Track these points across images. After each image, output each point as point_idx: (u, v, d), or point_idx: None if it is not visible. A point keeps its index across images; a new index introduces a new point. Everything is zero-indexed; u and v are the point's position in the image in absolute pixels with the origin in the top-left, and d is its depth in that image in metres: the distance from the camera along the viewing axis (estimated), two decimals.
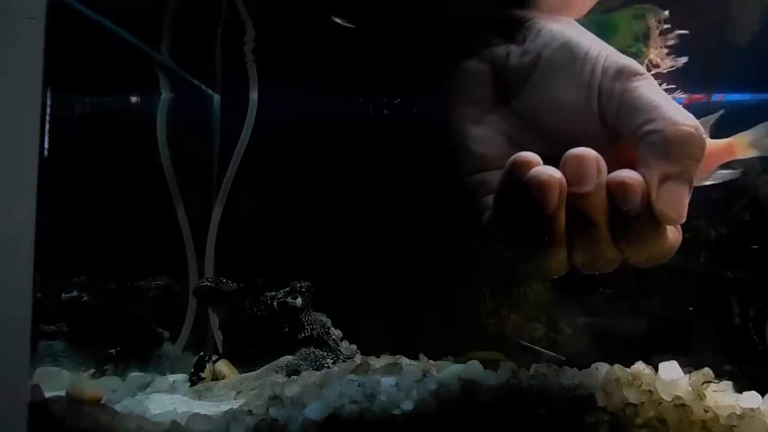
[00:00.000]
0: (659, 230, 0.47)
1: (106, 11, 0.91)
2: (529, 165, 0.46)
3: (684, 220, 0.47)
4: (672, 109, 0.47)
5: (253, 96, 1.17)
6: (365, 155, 1.18)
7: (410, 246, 1.14)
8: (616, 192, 0.46)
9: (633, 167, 0.47)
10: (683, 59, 0.85)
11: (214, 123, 1.25)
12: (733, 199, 1.04)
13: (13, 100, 0.50)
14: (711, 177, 0.55)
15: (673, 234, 0.48)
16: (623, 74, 0.50)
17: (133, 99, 1.26)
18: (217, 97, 1.26)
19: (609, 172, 0.47)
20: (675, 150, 0.46)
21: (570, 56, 0.52)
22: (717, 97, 1.10)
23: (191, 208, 1.17)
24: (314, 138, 1.19)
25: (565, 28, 0.55)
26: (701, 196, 0.51)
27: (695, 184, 0.48)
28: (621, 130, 0.50)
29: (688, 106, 0.49)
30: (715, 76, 1.03)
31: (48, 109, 0.54)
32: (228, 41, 1.00)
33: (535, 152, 0.47)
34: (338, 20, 0.64)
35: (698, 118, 0.49)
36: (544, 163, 0.47)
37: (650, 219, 0.47)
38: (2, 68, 0.50)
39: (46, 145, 0.53)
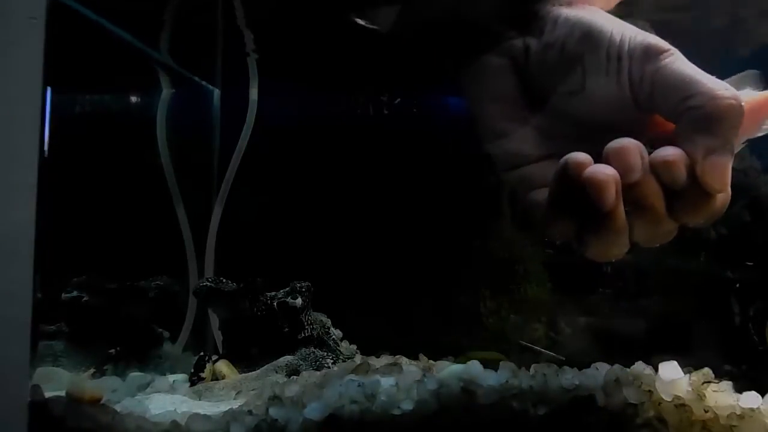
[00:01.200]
0: (708, 196, 0.48)
1: (105, 9, 0.90)
2: (582, 166, 0.47)
3: (729, 186, 0.48)
4: (707, 82, 0.47)
5: (253, 94, 1.17)
6: (366, 155, 1.18)
7: (410, 246, 1.14)
8: (661, 171, 0.47)
9: (668, 139, 0.48)
10: None
11: (214, 120, 1.25)
12: (733, 199, 1.04)
13: (13, 100, 0.50)
14: (761, 130, 0.55)
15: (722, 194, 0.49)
16: (650, 55, 0.50)
17: (133, 97, 1.26)
18: (217, 94, 1.25)
19: (647, 148, 0.48)
20: (717, 124, 0.47)
21: (594, 45, 0.52)
22: None
23: (191, 207, 1.17)
24: (315, 137, 1.19)
25: (582, 14, 0.54)
26: None
27: (750, 137, 0.49)
28: (657, 110, 0.50)
29: None
30: None
31: (49, 109, 0.54)
32: (228, 38, 0.99)
33: (568, 140, 0.49)
34: (360, 21, 0.63)
35: None
36: (579, 148, 0.47)
37: (698, 188, 0.48)
38: (2, 68, 0.50)
39: (46, 145, 0.53)
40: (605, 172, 0.46)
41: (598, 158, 0.48)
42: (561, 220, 0.50)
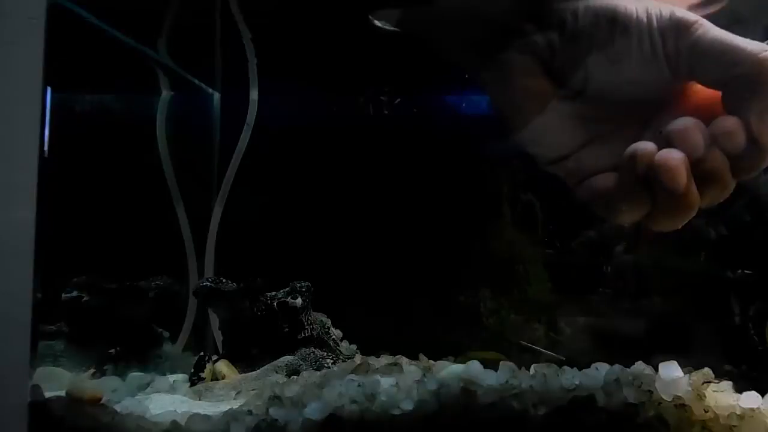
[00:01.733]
0: (764, 152, 0.50)
1: (106, 11, 0.91)
2: (651, 154, 0.49)
3: None
4: (747, 47, 0.48)
5: (254, 95, 1.17)
6: (366, 155, 1.17)
7: (410, 246, 1.14)
8: (723, 141, 0.48)
9: (714, 106, 0.50)
10: None
11: (214, 122, 1.25)
12: (733, 199, 1.04)
13: (13, 99, 0.50)
14: None
15: None
16: (681, 29, 0.50)
17: (133, 98, 1.26)
18: (217, 96, 1.26)
19: (696, 117, 0.49)
20: (765, 84, 0.48)
21: (623, 29, 0.52)
22: None
23: (191, 207, 1.17)
24: (314, 137, 1.19)
25: (603, 0, 0.53)
26: None
27: None
28: (701, 81, 0.51)
29: None
30: None
31: (49, 109, 0.54)
32: (227, 40, 1.00)
33: (610, 122, 0.52)
34: (377, 23, 0.63)
35: None
36: (624, 126, 0.51)
37: (754, 146, 0.49)
38: (2, 68, 0.50)
39: (46, 145, 0.53)
40: (675, 156, 0.48)
41: (645, 133, 0.51)
42: (634, 204, 0.51)
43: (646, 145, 0.49)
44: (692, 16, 0.51)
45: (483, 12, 0.57)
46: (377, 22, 0.62)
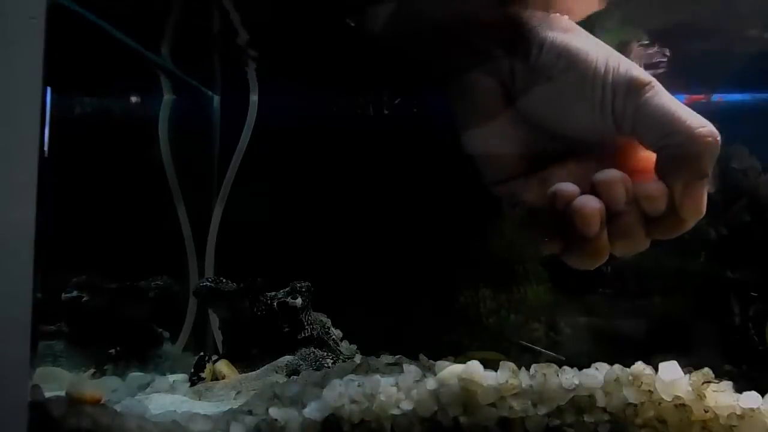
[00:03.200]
0: (683, 221, 0.52)
1: (109, 16, 0.91)
2: (571, 196, 0.51)
3: (704, 211, 0.52)
4: (686, 119, 0.50)
5: (254, 97, 1.17)
6: (365, 156, 1.18)
7: (410, 246, 1.14)
8: (644, 203, 0.51)
9: (650, 165, 0.53)
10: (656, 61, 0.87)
11: (214, 124, 1.25)
12: (733, 199, 1.04)
13: (13, 99, 0.50)
14: None
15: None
16: (633, 90, 0.52)
17: (136, 101, 1.26)
18: (217, 99, 1.26)
19: (628, 170, 0.52)
20: (695, 160, 0.50)
21: (579, 76, 0.53)
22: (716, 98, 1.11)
23: (192, 207, 1.17)
24: (314, 138, 1.19)
25: (568, 40, 0.55)
26: None
27: None
28: (639, 141, 0.53)
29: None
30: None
31: (53, 111, 0.54)
32: (227, 44, 1.00)
33: (551, 158, 0.54)
34: (351, 23, 0.64)
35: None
36: (562, 166, 0.53)
37: (674, 214, 0.52)
38: (2, 68, 0.50)
39: (47, 146, 0.53)
40: (591, 205, 0.50)
41: (580, 178, 0.53)
42: (548, 238, 0.54)
43: (567, 187, 0.52)
44: (648, 78, 0.52)
45: (457, 30, 0.59)
46: (350, 22, 0.64)
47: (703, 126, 0.50)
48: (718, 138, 0.50)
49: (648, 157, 0.54)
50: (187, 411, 0.67)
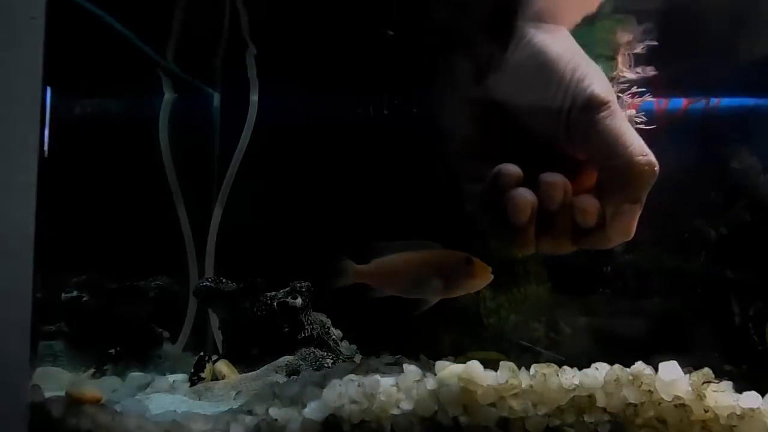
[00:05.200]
0: (609, 240, 0.55)
1: (111, 15, 0.91)
2: (510, 178, 0.54)
3: (632, 234, 0.54)
4: (630, 144, 0.52)
5: (254, 96, 1.17)
6: (365, 155, 1.17)
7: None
8: (576, 214, 0.54)
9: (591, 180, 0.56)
10: (650, 69, 0.88)
11: (214, 123, 1.25)
12: (733, 199, 1.04)
13: (13, 99, 0.50)
14: None
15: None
16: (589, 107, 0.54)
17: (136, 100, 1.26)
18: (217, 97, 1.26)
19: (575, 173, 0.55)
20: (630, 185, 0.53)
21: (545, 79, 0.55)
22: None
23: (192, 208, 1.17)
24: (314, 138, 1.19)
25: (548, 41, 0.57)
26: (701, 197, 0.53)
27: None
28: (586, 156, 0.56)
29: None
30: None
31: (54, 110, 0.54)
32: (228, 43, 1.00)
33: (510, 139, 0.56)
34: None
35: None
36: (514, 154, 0.55)
37: (602, 232, 0.55)
38: (2, 68, 0.50)
39: (47, 145, 0.53)
40: (525, 197, 0.53)
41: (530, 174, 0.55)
42: (485, 217, 0.58)
43: (509, 168, 0.55)
44: (606, 98, 0.54)
45: (450, 12, 0.62)
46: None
47: (643, 154, 0.52)
48: (656, 168, 0.52)
49: (592, 172, 0.56)
50: (187, 411, 0.67)
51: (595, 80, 0.54)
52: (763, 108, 1.11)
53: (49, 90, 0.53)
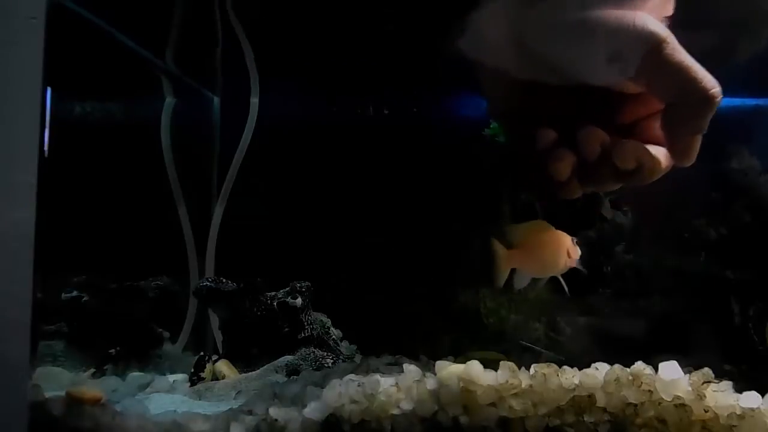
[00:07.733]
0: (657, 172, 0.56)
1: (112, 21, 0.91)
2: (549, 140, 0.57)
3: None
4: (702, 78, 0.52)
5: (254, 99, 1.17)
6: (365, 156, 1.18)
7: (410, 246, 1.14)
8: (615, 158, 0.55)
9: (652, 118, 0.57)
10: None
11: (214, 125, 1.26)
12: (733, 199, 1.04)
13: (13, 100, 0.50)
14: None
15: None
16: (649, 43, 0.53)
17: (138, 103, 1.27)
18: (217, 100, 1.27)
19: (628, 115, 0.58)
20: (704, 116, 0.53)
21: (594, 28, 0.54)
22: None
23: (192, 208, 1.17)
24: (314, 139, 1.20)
25: None
26: (701, 196, 0.53)
27: None
28: (652, 93, 0.56)
29: None
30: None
31: (55, 113, 0.54)
32: (228, 47, 1.00)
33: (554, 100, 0.58)
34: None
35: None
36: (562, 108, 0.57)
37: (644, 171, 0.56)
38: (2, 68, 0.50)
39: (48, 146, 0.53)
40: (564, 157, 0.56)
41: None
42: (530, 175, 0.60)
43: (548, 134, 0.57)
44: (664, 33, 0.53)
45: None
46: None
47: (710, 82, 0.52)
48: (720, 94, 0.52)
49: (654, 111, 0.57)
50: (187, 411, 0.67)
51: (647, 20, 0.54)
52: (763, 108, 1.11)
53: (53, 94, 0.53)
